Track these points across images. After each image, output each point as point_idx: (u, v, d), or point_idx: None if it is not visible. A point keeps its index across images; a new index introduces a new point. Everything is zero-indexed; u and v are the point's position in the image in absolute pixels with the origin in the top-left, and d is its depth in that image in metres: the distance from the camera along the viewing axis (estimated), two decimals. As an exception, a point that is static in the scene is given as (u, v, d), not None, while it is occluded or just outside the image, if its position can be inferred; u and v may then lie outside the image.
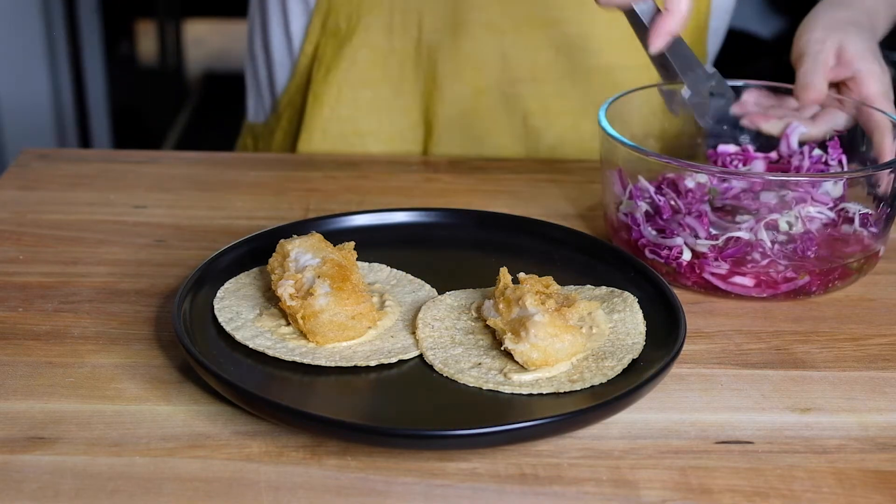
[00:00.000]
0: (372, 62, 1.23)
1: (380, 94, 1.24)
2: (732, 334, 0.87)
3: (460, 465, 0.71)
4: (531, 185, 1.13)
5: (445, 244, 0.97)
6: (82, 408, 0.76)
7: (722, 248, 0.91)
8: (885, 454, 0.73)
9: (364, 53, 1.22)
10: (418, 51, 1.22)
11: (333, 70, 1.23)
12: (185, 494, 0.68)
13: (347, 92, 1.23)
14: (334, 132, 1.25)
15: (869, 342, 0.87)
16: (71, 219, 1.04)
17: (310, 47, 1.25)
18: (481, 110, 1.24)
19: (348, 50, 1.22)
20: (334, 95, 1.24)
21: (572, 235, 0.96)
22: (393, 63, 1.23)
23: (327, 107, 1.24)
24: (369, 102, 1.24)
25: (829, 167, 1.00)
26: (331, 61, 1.23)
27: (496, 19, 1.20)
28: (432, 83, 1.23)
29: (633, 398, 0.75)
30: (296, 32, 1.26)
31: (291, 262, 0.83)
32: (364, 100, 1.24)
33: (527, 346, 0.77)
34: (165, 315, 0.87)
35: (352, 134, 1.25)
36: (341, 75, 1.23)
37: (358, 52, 1.22)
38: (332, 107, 1.24)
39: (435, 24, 1.21)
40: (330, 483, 0.69)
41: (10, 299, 0.89)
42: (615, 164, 0.97)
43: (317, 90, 1.24)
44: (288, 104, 1.29)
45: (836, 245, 0.93)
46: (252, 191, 1.11)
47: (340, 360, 0.79)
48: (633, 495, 0.69)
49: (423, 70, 1.22)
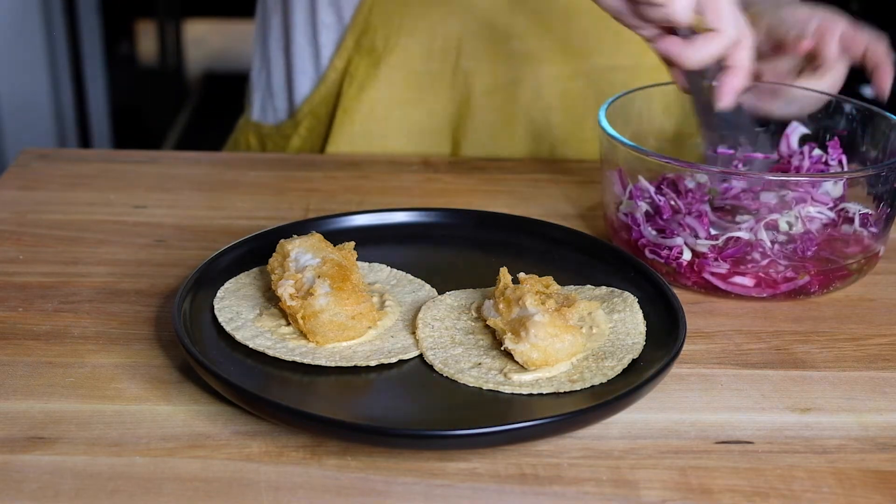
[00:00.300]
0: (406, 83, 1.23)
1: (412, 114, 1.24)
2: (732, 334, 0.87)
3: (460, 465, 0.71)
4: (531, 185, 1.13)
5: (445, 244, 0.97)
6: (82, 408, 0.76)
7: (722, 248, 0.91)
8: (885, 454, 0.73)
9: (400, 74, 1.23)
10: (454, 75, 1.22)
11: (367, 88, 1.23)
12: (185, 494, 0.68)
13: (379, 110, 1.24)
14: (362, 147, 1.25)
15: (869, 342, 0.87)
16: (71, 219, 1.04)
17: (340, 62, 1.25)
18: (511, 136, 1.25)
19: (384, 70, 1.23)
20: (366, 112, 1.24)
21: (572, 235, 0.96)
22: (427, 85, 1.23)
23: (358, 123, 1.24)
24: (400, 122, 1.25)
25: (829, 167, 1.00)
26: (364, 79, 1.24)
27: (533, 48, 1.21)
28: (465, 107, 1.23)
29: (633, 398, 0.75)
30: (325, 45, 1.26)
31: (291, 262, 0.83)
32: (395, 119, 1.24)
33: (527, 346, 0.77)
34: (165, 315, 0.87)
35: (380, 150, 1.25)
36: (375, 94, 1.23)
37: (394, 73, 1.23)
38: (363, 123, 1.25)
39: (474, 51, 1.21)
40: (330, 483, 0.69)
41: (10, 299, 0.89)
42: (615, 164, 0.97)
43: (347, 105, 1.25)
44: (309, 113, 1.29)
45: (836, 245, 0.93)
46: (252, 191, 1.11)
47: (340, 360, 0.79)
48: (633, 495, 0.69)
49: (458, 94, 1.23)
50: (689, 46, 0.89)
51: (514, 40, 1.22)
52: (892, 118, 0.99)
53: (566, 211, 1.08)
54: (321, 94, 1.27)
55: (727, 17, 0.88)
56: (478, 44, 1.22)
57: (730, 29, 0.88)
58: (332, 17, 1.25)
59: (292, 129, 1.31)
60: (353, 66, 1.24)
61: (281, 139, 1.32)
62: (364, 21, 1.22)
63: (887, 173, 0.91)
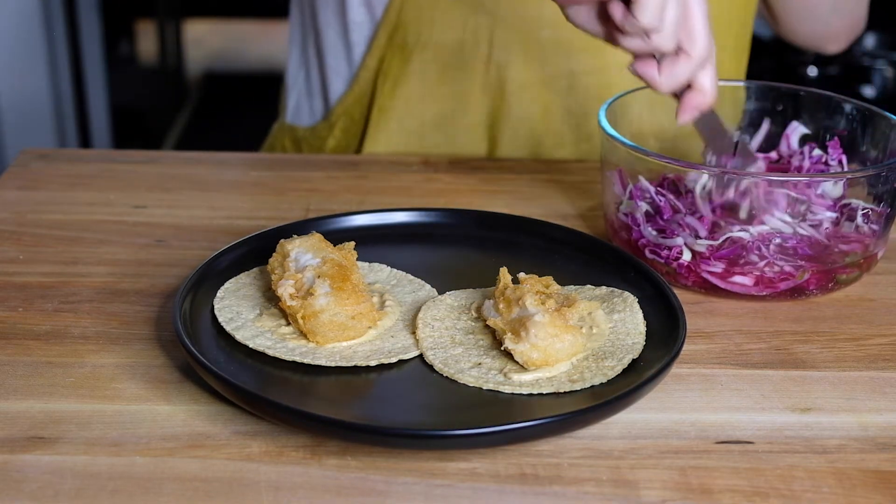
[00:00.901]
0: (440, 78, 1.23)
1: (446, 109, 1.24)
2: (732, 334, 0.87)
3: (460, 465, 0.71)
4: (531, 185, 1.13)
5: (445, 244, 0.97)
6: (82, 408, 0.76)
7: (719, 247, 0.91)
8: (885, 454, 0.73)
9: (433, 69, 1.22)
10: (487, 68, 1.22)
11: (401, 84, 1.23)
12: (185, 494, 0.68)
13: (414, 106, 1.23)
14: (399, 145, 1.25)
15: (869, 342, 0.87)
16: (71, 219, 1.04)
17: (373, 61, 1.24)
18: (549, 128, 1.24)
19: (417, 65, 1.22)
20: (401, 109, 1.24)
21: (572, 235, 0.96)
22: (461, 79, 1.23)
23: (394, 120, 1.24)
24: (435, 117, 1.24)
25: (829, 167, 1.01)
26: (398, 75, 1.23)
27: (567, 37, 1.20)
28: (500, 100, 1.23)
29: (633, 398, 0.75)
30: (357, 43, 1.25)
31: (291, 262, 0.83)
32: (430, 114, 1.24)
33: (527, 346, 0.77)
34: (165, 315, 0.87)
35: (417, 147, 1.25)
36: (409, 90, 1.23)
37: (427, 68, 1.22)
38: (399, 120, 1.24)
39: (506, 42, 1.21)
40: (330, 483, 0.69)
41: (10, 299, 0.89)
42: (615, 164, 0.97)
43: (382, 103, 1.24)
44: (343, 113, 1.28)
45: (836, 244, 0.93)
46: (252, 191, 1.11)
47: (340, 360, 0.79)
48: (633, 495, 0.69)
49: (492, 87, 1.23)
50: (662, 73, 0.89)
51: (547, 29, 1.21)
52: (892, 118, 0.99)
53: (566, 211, 1.08)
54: (355, 94, 1.27)
55: (699, 37, 0.87)
56: (511, 35, 1.21)
57: (699, 51, 0.88)
58: (363, 14, 1.24)
59: (327, 131, 1.30)
60: (387, 64, 1.24)
61: (316, 141, 1.32)
62: (396, 17, 1.22)
63: (887, 173, 0.91)
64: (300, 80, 1.35)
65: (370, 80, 1.25)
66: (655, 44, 0.86)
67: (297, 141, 1.34)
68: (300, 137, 1.34)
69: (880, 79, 2.31)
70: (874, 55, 2.30)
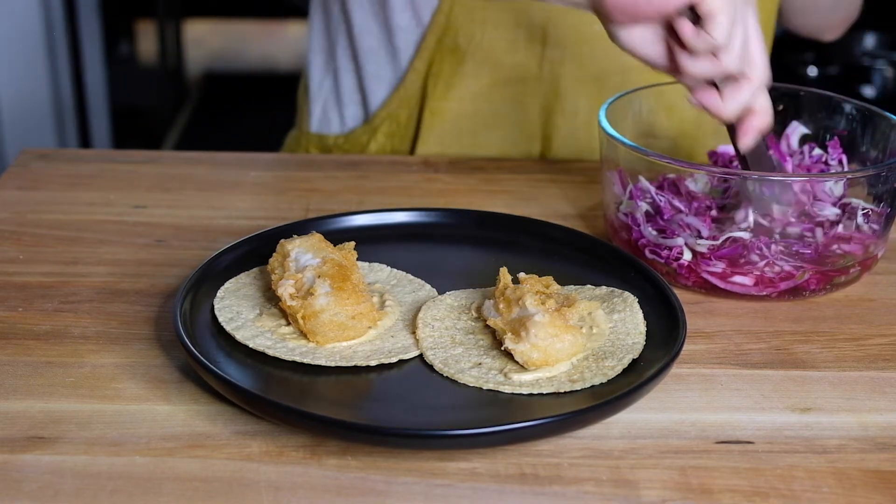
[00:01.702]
0: (493, 78, 1.22)
1: (500, 108, 1.24)
2: (732, 334, 0.87)
3: (460, 465, 0.71)
4: (531, 185, 1.13)
5: (445, 244, 0.97)
6: (82, 408, 0.76)
7: (719, 247, 0.91)
8: (885, 454, 0.73)
9: (486, 69, 1.22)
10: (541, 65, 1.22)
11: (454, 86, 1.23)
12: (185, 494, 0.68)
13: (468, 106, 1.23)
14: (452, 146, 1.25)
15: (869, 342, 0.87)
16: (71, 219, 1.04)
17: (421, 63, 1.24)
18: None
19: (470, 66, 1.22)
20: (455, 111, 1.23)
21: (572, 235, 0.96)
22: (515, 78, 1.23)
23: (447, 122, 1.24)
24: (488, 117, 1.24)
25: (829, 167, 1.01)
26: (450, 77, 1.23)
27: None
28: (554, 97, 1.23)
29: (633, 398, 0.75)
30: (402, 48, 1.25)
31: (291, 261, 0.83)
32: (483, 114, 1.24)
33: (527, 346, 0.77)
34: (165, 315, 0.87)
35: (470, 146, 1.25)
36: (462, 91, 1.23)
37: (480, 69, 1.22)
38: (453, 122, 1.24)
39: (559, 39, 1.21)
40: (330, 483, 0.69)
41: (10, 299, 0.89)
42: (615, 164, 0.97)
43: (434, 106, 1.24)
44: (387, 117, 1.28)
45: (836, 244, 0.93)
46: (252, 191, 1.11)
47: (340, 360, 0.79)
48: (633, 495, 0.69)
49: (545, 84, 1.22)
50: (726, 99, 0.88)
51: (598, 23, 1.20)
52: (892, 118, 0.99)
53: (566, 211, 1.08)
54: (400, 98, 1.26)
55: (758, 60, 0.87)
56: (563, 31, 1.20)
57: (759, 73, 0.87)
58: (408, 19, 1.23)
59: (368, 136, 1.29)
60: (437, 67, 1.23)
61: (353, 147, 1.31)
62: (445, 20, 1.21)
63: (887, 173, 0.91)
64: (326, 87, 1.34)
65: (417, 83, 1.25)
66: (725, 64, 0.85)
67: (327, 149, 1.33)
68: (331, 145, 1.33)
69: (880, 79, 2.31)
70: (874, 55, 2.30)
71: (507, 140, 1.25)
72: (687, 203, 0.94)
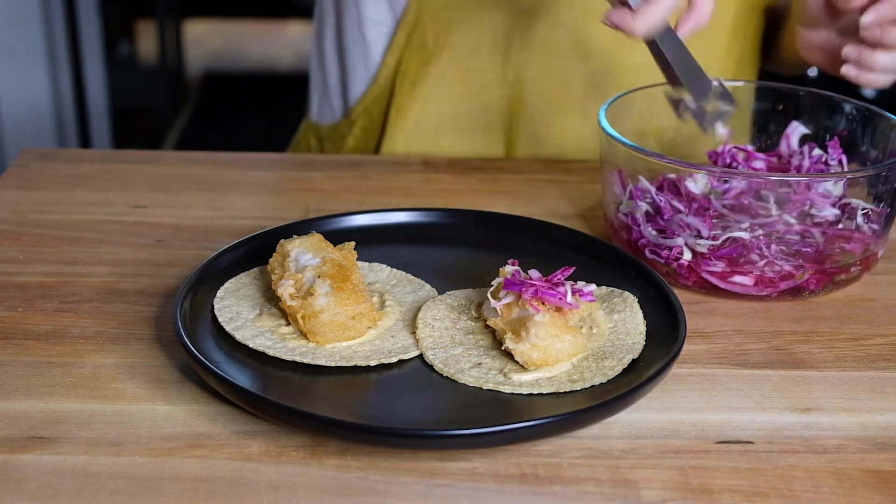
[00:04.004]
0: (458, 79, 1.23)
1: (463, 110, 1.24)
2: (732, 334, 0.87)
3: (460, 465, 0.71)
4: (531, 185, 1.13)
5: (445, 244, 0.97)
6: (82, 408, 0.76)
7: (719, 247, 0.91)
8: (885, 454, 0.73)
9: (451, 70, 1.22)
10: (505, 69, 1.22)
11: (419, 85, 1.23)
12: (185, 494, 0.68)
13: (432, 107, 1.23)
14: (415, 145, 1.25)
15: (869, 342, 0.87)
16: (71, 219, 1.04)
17: (392, 59, 1.24)
18: (566, 129, 1.24)
19: (435, 66, 1.22)
20: (419, 110, 1.24)
21: (572, 235, 0.96)
22: (479, 81, 1.23)
23: (411, 120, 1.24)
24: (452, 118, 1.24)
25: (829, 167, 1.00)
26: (416, 76, 1.23)
27: (583, 38, 1.20)
28: (517, 102, 1.23)
29: (633, 398, 0.75)
30: (375, 42, 1.25)
31: (291, 261, 0.83)
32: (447, 115, 1.24)
33: (527, 346, 0.77)
34: (165, 315, 0.87)
35: (434, 147, 1.25)
36: (427, 90, 1.23)
37: (445, 69, 1.22)
38: (416, 120, 1.24)
39: (524, 44, 1.21)
40: (330, 483, 0.69)
41: (10, 299, 0.89)
42: (615, 164, 0.97)
43: (400, 103, 1.24)
44: (363, 112, 1.28)
45: (836, 244, 0.93)
46: (252, 191, 1.11)
47: (340, 360, 0.79)
48: (633, 495, 0.69)
49: (509, 88, 1.23)
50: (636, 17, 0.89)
51: (562, 30, 1.21)
52: (892, 118, 0.99)
53: (566, 211, 1.08)
54: (374, 93, 1.27)
55: None
56: (528, 37, 1.21)
57: None
58: (382, 13, 1.23)
59: (347, 129, 1.30)
60: (405, 64, 1.24)
61: (338, 139, 1.32)
62: (414, 17, 1.21)
63: (887, 173, 0.91)
64: (318, 78, 1.34)
65: (389, 79, 1.25)
66: None
67: (320, 139, 1.34)
68: (323, 136, 1.34)
69: (880, 79, 2.31)
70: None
71: (469, 142, 1.25)
72: (687, 203, 0.94)
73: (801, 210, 0.93)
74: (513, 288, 0.79)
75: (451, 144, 1.25)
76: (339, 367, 0.78)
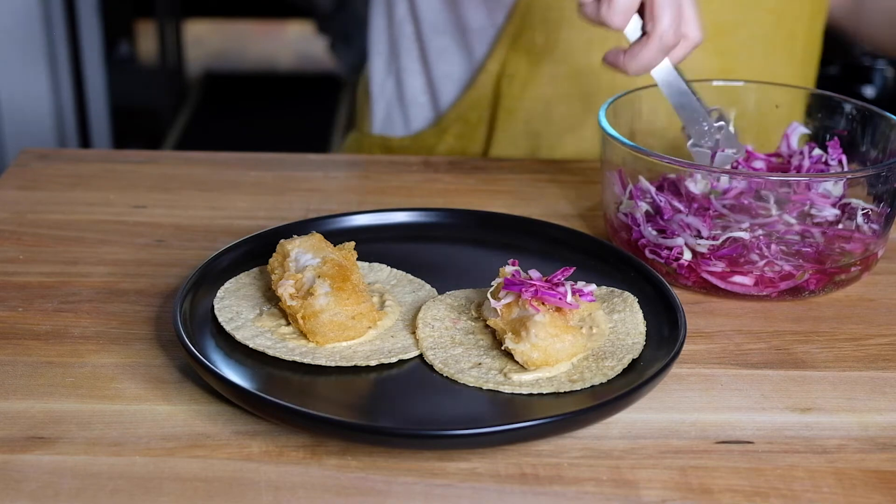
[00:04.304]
0: (569, 78, 1.22)
1: (573, 109, 1.24)
2: (732, 334, 0.87)
3: (460, 465, 0.71)
4: (531, 185, 1.13)
5: (445, 244, 0.97)
6: (82, 408, 0.76)
7: (719, 247, 0.91)
8: (885, 454, 0.73)
9: (562, 69, 1.22)
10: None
11: (530, 85, 1.22)
12: (185, 494, 0.68)
13: (542, 107, 1.23)
14: (524, 147, 1.25)
15: (869, 342, 0.87)
16: (71, 219, 1.04)
17: (494, 64, 1.24)
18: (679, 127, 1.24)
19: (547, 66, 1.22)
20: (528, 111, 1.23)
21: (572, 235, 0.96)
22: (589, 79, 1.22)
23: (521, 122, 1.24)
24: (562, 118, 1.24)
25: (829, 167, 1.00)
26: (527, 77, 1.22)
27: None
28: None
29: (633, 398, 0.75)
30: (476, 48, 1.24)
31: (291, 262, 0.83)
32: (557, 115, 1.24)
33: (527, 346, 0.77)
34: (165, 315, 0.87)
35: (546, 151, 1.24)
36: (539, 91, 1.22)
37: (556, 69, 1.22)
38: (527, 122, 1.24)
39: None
40: (330, 483, 0.69)
41: (10, 299, 0.89)
42: (615, 164, 0.97)
43: (510, 105, 1.24)
44: (457, 119, 1.28)
45: (836, 244, 0.93)
46: (252, 191, 1.11)
47: (340, 360, 0.79)
48: (633, 495, 0.69)
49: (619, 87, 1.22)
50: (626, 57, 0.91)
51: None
52: (892, 118, 0.99)
53: (566, 211, 1.08)
54: (472, 98, 1.26)
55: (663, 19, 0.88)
56: None
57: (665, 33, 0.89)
58: (481, 21, 1.23)
59: (436, 137, 1.29)
60: (512, 67, 1.23)
61: (421, 149, 1.31)
62: (521, 20, 1.21)
63: (887, 173, 0.91)
64: (388, 88, 1.33)
65: (490, 84, 1.25)
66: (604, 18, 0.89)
67: (390, 150, 1.32)
68: (395, 147, 1.33)
69: (880, 79, 2.31)
70: (874, 55, 2.30)
71: (581, 143, 1.24)
72: (687, 203, 0.94)
73: (801, 210, 0.93)
74: (513, 288, 0.79)
75: (562, 145, 1.24)
76: (339, 367, 0.78)
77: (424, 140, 1.30)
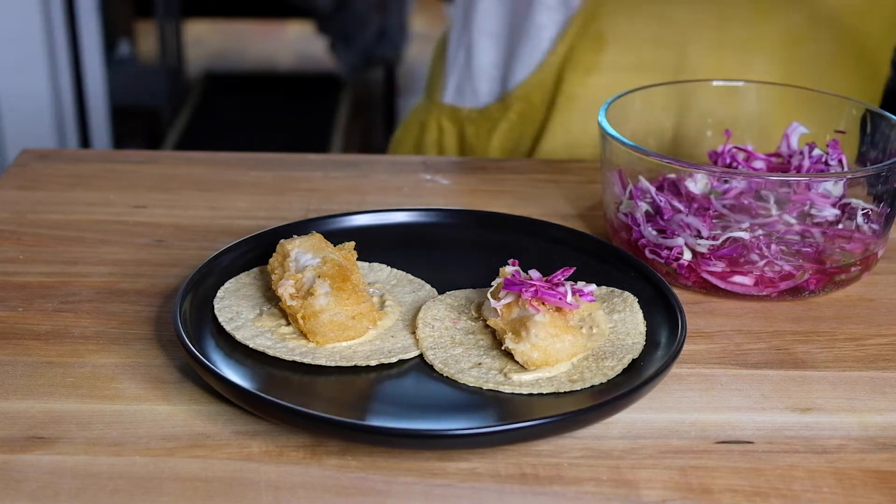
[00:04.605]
0: (631, 70, 1.23)
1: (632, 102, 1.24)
2: (732, 334, 0.87)
3: (460, 465, 0.71)
4: (531, 185, 1.13)
5: (445, 244, 0.97)
6: (82, 408, 0.76)
7: (719, 247, 0.91)
8: (885, 454, 0.73)
9: (626, 60, 1.22)
10: (681, 62, 1.22)
11: (593, 74, 1.23)
12: (185, 494, 0.68)
13: (603, 96, 1.23)
14: (577, 133, 1.25)
15: (869, 342, 0.87)
16: (71, 219, 1.04)
17: (563, 48, 1.24)
18: None
19: (610, 56, 1.22)
20: (588, 98, 1.24)
21: (572, 235, 0.96)
22: (651, 73, 1.22)
23: (579, 110, 1.24)
24: None
25: (829, 167, 1.00)
26: (590, 65, 1.23)
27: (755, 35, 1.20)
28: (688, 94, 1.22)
29: (633, 398, 0.75)
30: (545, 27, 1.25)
31: (291, 262, 0.83)
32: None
33: (527, 346, 0.77)
34: (165, 315, 0.87)
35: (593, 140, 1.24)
36: (601, 80, 1.23)
37: (620, 59, 1.22)
38: (584, 110, 1.24)
39: (700, 40, 1.20)
40: (330, 483, 0.69)
41: (10, 299, 0.89)
42: (615, 164, 0.97)
43: (570, 91, 1.24)
44: (520, 97, 1.29)
45: (836, 244, 0.93)
46: (252, 191, 1.11)
47: (340, 360, 0.79)
48: (633, 495, 0.69)
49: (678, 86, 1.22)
50: None
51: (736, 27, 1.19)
52: (893, 118, 0.99)
53: (566, 211, 1.08)
54: (537, 79, 1.27)
55: None
56: (706, 31, 1.20)
57: None
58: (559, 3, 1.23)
59: (500, 113, 1.30)
60: (578, 52, 1.24)
61: (486, 122, 1.32)
62: (594, 6, 1.21)
63: (887, 173, 0.91)
64: (459, 60, 1.34)
65: (556, 67, 1.25)
66: None
67: (459, 121, 1.34)
68: (464, 118, 1.34)
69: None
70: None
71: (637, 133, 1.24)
72: (687, 203, 0.94)
73: (801, 210, 0.93)
74: (513, 288, 0.79)
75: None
76: (339, 367, 0.78)
77: (490, 114, 1.31)
